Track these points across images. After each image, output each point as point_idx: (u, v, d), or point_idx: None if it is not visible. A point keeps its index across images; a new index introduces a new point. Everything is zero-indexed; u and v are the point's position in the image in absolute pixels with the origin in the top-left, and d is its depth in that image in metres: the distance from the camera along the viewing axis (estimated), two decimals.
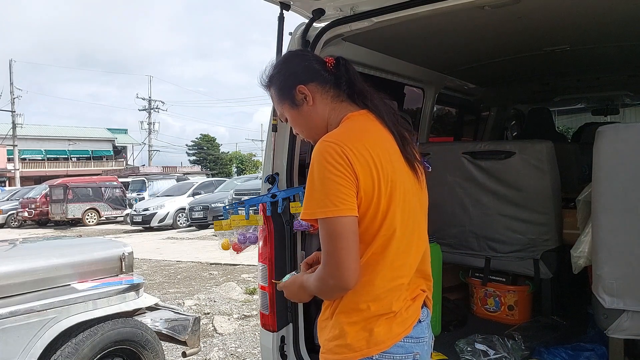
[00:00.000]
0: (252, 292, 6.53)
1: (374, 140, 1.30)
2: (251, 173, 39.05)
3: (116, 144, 46.57)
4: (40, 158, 41.54)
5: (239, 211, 2.30)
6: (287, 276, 1.51)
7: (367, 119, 1.37)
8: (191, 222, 16.38)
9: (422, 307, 1.39)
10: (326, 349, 1.35)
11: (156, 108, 44.17)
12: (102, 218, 20.88)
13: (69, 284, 2.93)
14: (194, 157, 50.36)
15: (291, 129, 2.23)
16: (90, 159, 44.18)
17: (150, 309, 3.41)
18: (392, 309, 1.30)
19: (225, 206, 2.37)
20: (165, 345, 3.59)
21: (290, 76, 1.41)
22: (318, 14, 2.16)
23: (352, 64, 1.45)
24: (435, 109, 3.79)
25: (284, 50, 2.21)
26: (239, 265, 8.51)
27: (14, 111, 34.91)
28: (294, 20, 2.23)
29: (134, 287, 3.16)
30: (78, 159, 43.89)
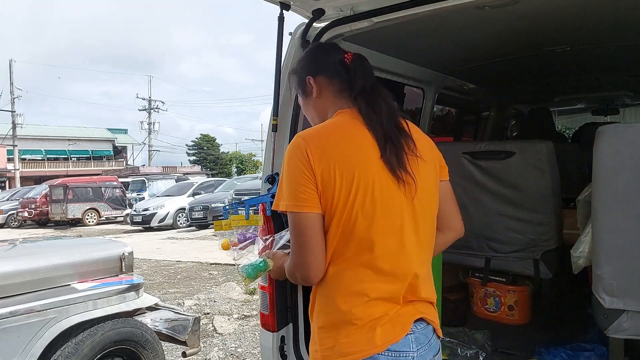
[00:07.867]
0: (252, 292, 6.52)
1: (347, 139, 1.28)
2: (251, 173, 39.04)
3: (116, 144, 46.54)
4: (40, 158, 41.50)
5: (239, 211, 2.30)
6: (260, 259, 1.66)
7: (351, 117, 1.33)
8: (191, 222, 16.38)
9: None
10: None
11: (156, 108, 44.19)
12: (102, 218, 20.88)
13: (69, 284, 2.93)
14: (194, 157, 50.36)
15: (291, 129, 2.23)
16: (90, 159, 44.13)
17: (150, 309, 3.41)
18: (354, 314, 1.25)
19: (225, 206, 2.37)
20: (165, 345, 3.59)
21: (305, 67, 1.46)
22: (318, 14, 2.15)
23: (368, 62, 1.43)
24: (435, 109, 3.79)
25: (284, 51, 2.21)
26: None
27: (14, 111, 34.92)
28: (295, 20, 2.23)
29: (134, 287, 3.16)
30: (78, 159, 43.85)
